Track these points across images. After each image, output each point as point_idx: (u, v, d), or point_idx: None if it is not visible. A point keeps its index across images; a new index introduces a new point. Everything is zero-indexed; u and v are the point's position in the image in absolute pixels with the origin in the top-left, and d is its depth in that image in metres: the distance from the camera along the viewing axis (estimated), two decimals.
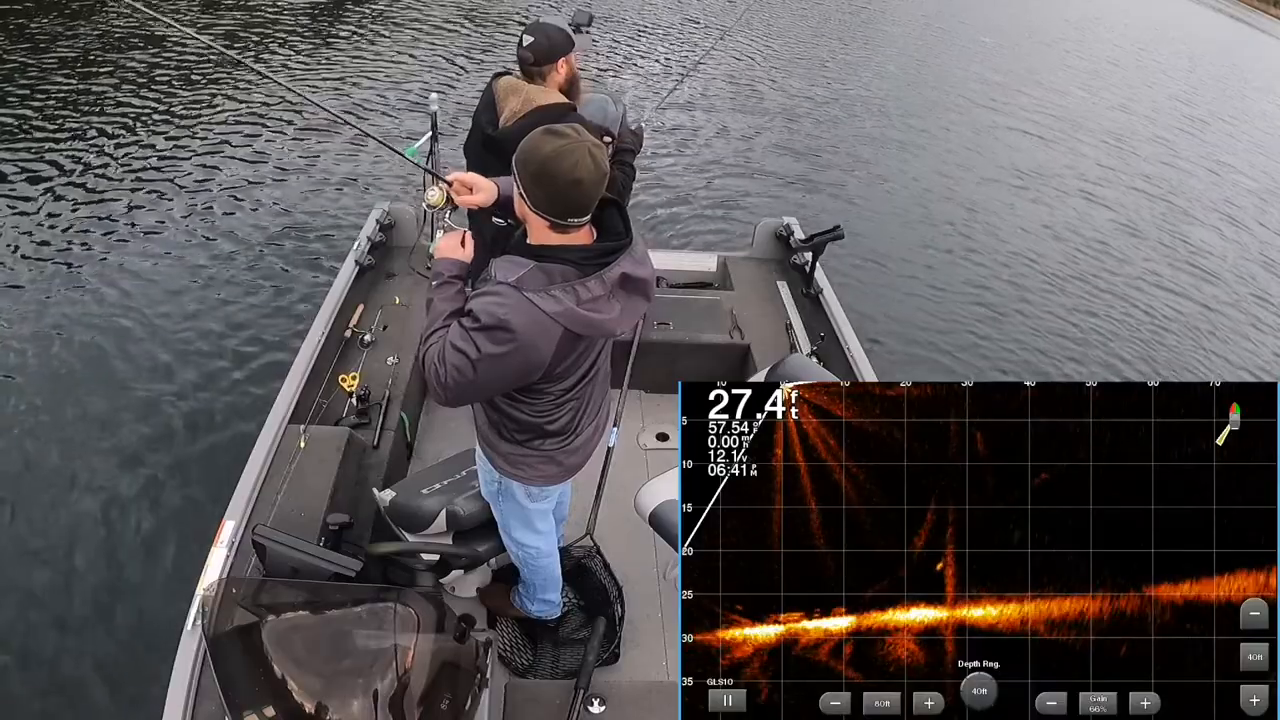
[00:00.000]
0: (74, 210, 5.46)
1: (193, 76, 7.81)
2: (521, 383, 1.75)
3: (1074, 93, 13.06)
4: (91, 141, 6.37)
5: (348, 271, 3.46)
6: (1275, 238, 9.15)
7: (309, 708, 1.59)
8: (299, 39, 9.25)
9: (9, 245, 5.01)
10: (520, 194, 1.66)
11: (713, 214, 6.66)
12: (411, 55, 9.22)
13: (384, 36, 9.77)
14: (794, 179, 7.67)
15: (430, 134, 3.67)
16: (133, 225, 5.38)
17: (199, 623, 1.91)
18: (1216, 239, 8.66)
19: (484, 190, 1.95)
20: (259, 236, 5.44)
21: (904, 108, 10.38)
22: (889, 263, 6.37)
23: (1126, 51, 18.35)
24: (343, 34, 9.68)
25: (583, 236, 1.71)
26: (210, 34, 8.92)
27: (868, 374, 3.17)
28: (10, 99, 6.88)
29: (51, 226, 5.25)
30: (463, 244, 1.86)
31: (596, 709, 2.12)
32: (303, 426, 2.68)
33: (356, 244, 3.63)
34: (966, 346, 5.47)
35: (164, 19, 2.78)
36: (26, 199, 5.52)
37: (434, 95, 4.17)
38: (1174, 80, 16.62)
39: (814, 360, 2.92)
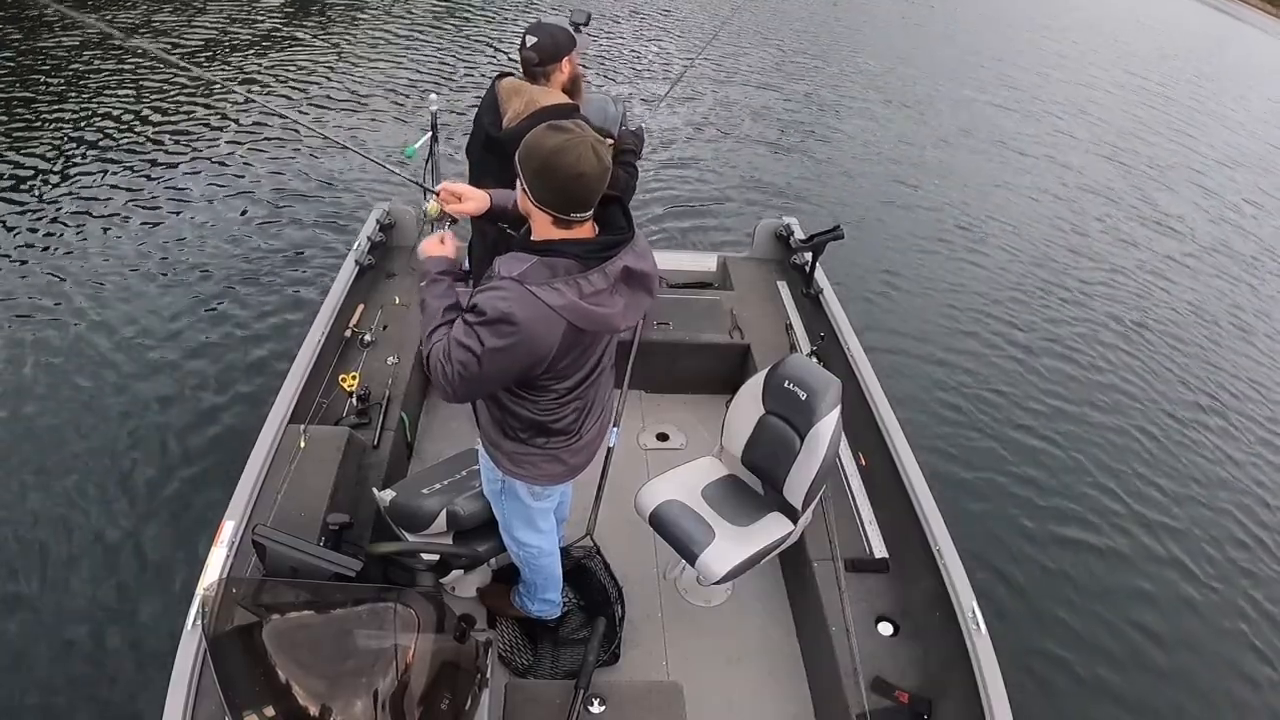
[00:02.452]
0: (72, 208, 5.45)
1: (192, 79, 7.81)
2: (526, 376, 1.76)
3: (1074, 90, 13.07)
4: (89, 140, 6.37)
5: (348, 271, 3.46)
6: (1239, 200, 9.85)
7: (309, 708, 1.58)
8: (294, 37, 9.25)
9: (8, 242, 5.02)
10: (523, 189, 1.67)
11: (712, 214, 6.66)
12: (410, 54, 9.22)
13: (383, 35, 9.78)
14: (793, 178, 7.67)
15: (430, 134, 3.67)
16: (131, 224, 5.38)
17: (199, 622, 1.91)
18: (1188, 204, 9.19)
19: (473, 199, 1.96)
20: (258, 236, 5.43)
21: (903, 105, 10.39)
22: (888, 260, 6.37)
23: (1122, 44, 18.41)
24: (341, 32, 9.68)
25: (585, 232, 1.72)
26: (205, 39, 8.93)
27: (868, 373, 3.18)
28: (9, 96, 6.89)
29: (50, 220, 5.26)
30: (443, 242, 1.90)
31: (596, 709, 2.12)
32: (303, 426, 2.68)
33: (356, 244, 3.63)
34: (965, 344, 5.47)
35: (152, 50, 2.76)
36: (24, 193, 5.52)
37: (433, 95, 4.17)
38: (1156, 65, 17.11)
39: (814, 360, 2.92)
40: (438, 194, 1.98)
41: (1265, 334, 6.70)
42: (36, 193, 5.61)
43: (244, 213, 5.69)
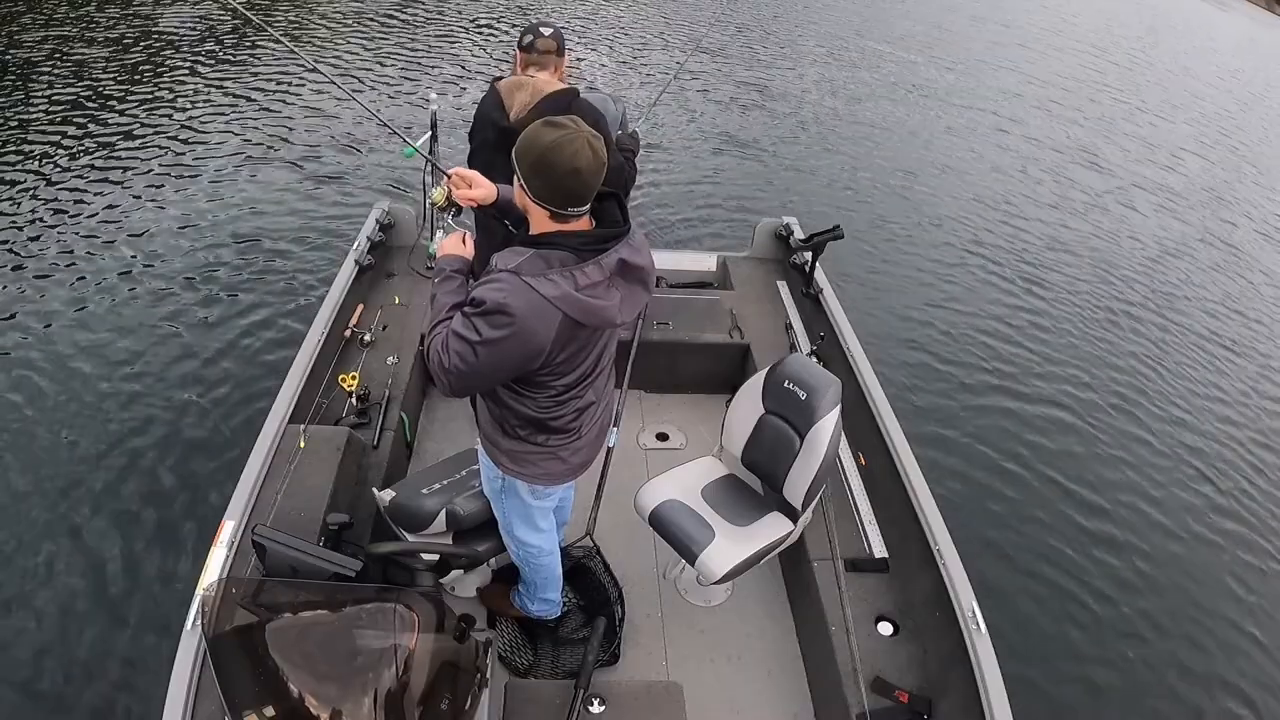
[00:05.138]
0: (71, 207, 5.45)
1: (194, 73, 7.81)
2: (523, 369, 1.75)
3: (1066, 86, 13.09)
4: (88, 136, 6.37)
5: (347, 271, 3.46)
6: (1179, 148, 11.01)
7: (309, 708, 1.59)
8: (292, 39, 9.25)
9: (6, 241, 5.02)
10: (520, 185, 1.67)
11: (712, 213, 6.65)
12: (409, 56, 9.22)
13: (382, 37, 9.78)
14: (793, 178, 7.67)
15: (430, 134, 3.68)
16: (129, 222, 5.37)
17: (199, 623, 1.91)
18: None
19: (482, 186, 1.97)
20: (258, 236, 5.43)
21: (899, 102, 10.39)
22: (888, 260, 6.37)
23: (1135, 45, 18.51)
24: (340, 33, 9.68)
25: (582, 226, 1.73)
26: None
27: (867, 373, 3.18)
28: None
29: (45, 218, 5.26)
30: (464, 242, 1.92)
31: (596, 709, 2.12)
32: (302, 426, 2.68)
33: (356, 244, 3.63)
34: (966, 343, 5.47)
35: None
36: (18, 189, 5.52)
37: (434, 95, 4.17)
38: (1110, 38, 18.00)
39: (814, 360, 2.91)
40: (450, 176, 1.98)
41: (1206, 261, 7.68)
42: (32, 188, 5.62)
43: (242, 213, 5.69)
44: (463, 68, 9.05)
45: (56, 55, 7.92)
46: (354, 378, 3.08)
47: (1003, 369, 5.29)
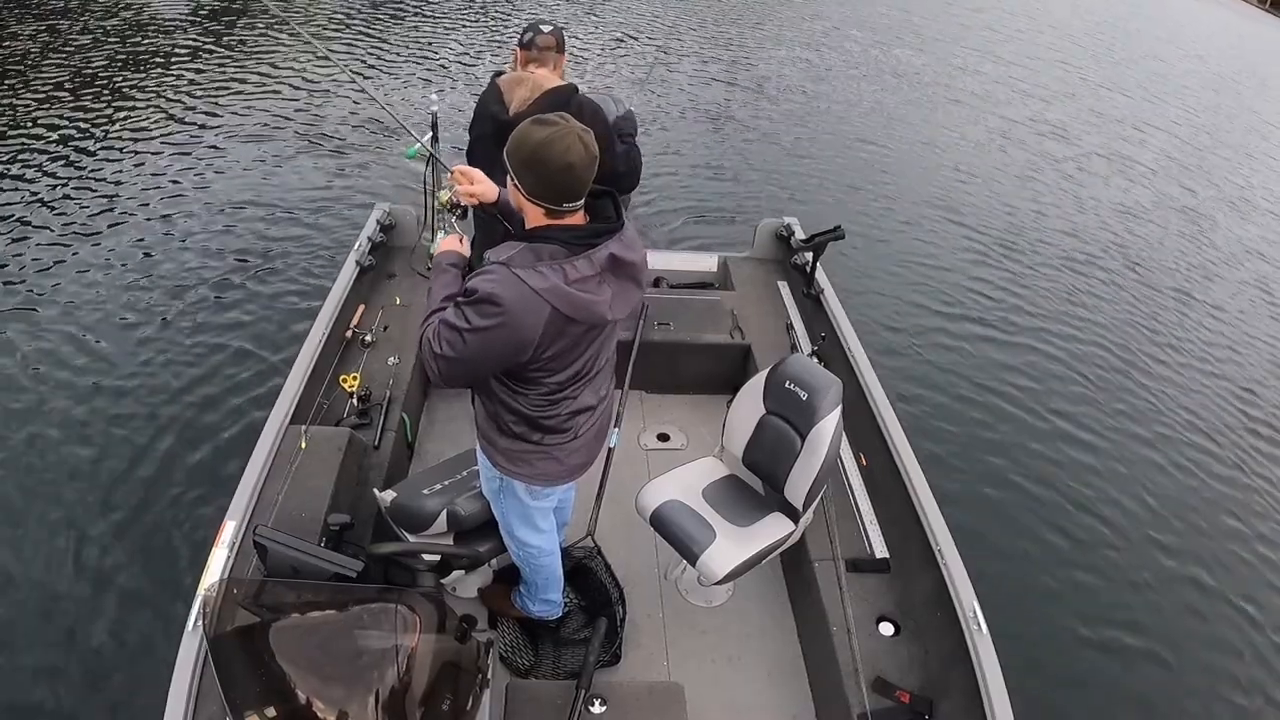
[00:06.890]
0: (68, 203, 5.46)
1: (197, 72, 7.82)
2: (512, 360, 1.76)
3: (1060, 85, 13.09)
4: (93, 137, 6.38)
5: (348, 272, 3.46)
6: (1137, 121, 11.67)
7: (310, 709, 1.59)
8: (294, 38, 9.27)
9: (8, 236, 5.02)
10: (514, 183, 1.69)
11: (713, 213, 6.66)
12: (409, 57, 9.23)
13: (382, 39, 9.79)
14: (794, 178, 7.67)
15: (431, 134, 3.68)
16: (129, 223, 5.38)
17: (200, 623, 1.91)
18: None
19: (483, 184, 1.99)
20: (259, 237, 5.44)
21: (899, 100, 10.39)
22: (890, 260, 6.37)
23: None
24: (340, 35, 9.69)
25: (576, 221, 1.75)
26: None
27: (868, 374, 3.18)
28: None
29: (44, 214, 5.27)
30: (460, 243, 1.96)
31: (597, 709, 2.12)
32: (304, 427, 2.68)
33: (357, 244, 3.63)
34: (965, 342, 5.46)
35: None
36: (23, 188, 5.53)
37: (435, 95, 4.17)
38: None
39: (815, 360, 2.91)
40: (452, 173, 1.99)
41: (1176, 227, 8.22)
42: (30, 186, 5.62)
43: (242, 213, 5.69)
44: (467, 63, 9.05)
45: (51, 47, 7.93)
46: (355, 378, 3.08)
47: (1005, 369, 5.29)
